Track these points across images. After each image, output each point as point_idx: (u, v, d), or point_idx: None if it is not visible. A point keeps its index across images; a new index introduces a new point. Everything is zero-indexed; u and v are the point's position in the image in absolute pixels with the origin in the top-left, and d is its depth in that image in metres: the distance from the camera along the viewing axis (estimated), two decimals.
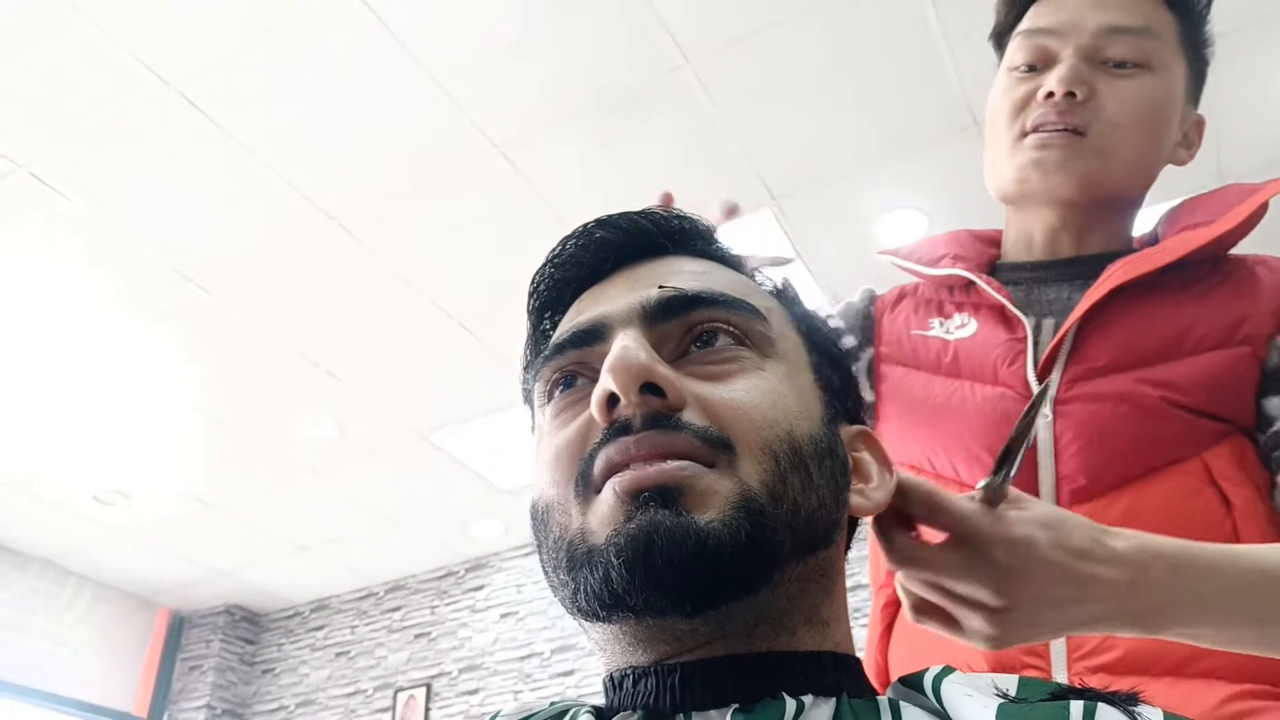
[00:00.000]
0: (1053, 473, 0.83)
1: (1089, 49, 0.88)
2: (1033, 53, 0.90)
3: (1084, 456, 0.81)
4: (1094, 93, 0.87)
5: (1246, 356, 0.81)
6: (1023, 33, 0.92)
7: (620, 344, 0.49)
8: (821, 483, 0.50)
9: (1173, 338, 0.83)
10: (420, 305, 3.26)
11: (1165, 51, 0.88)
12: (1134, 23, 0.88)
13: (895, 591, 0.90)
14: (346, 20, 2.36)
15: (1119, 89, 0.87)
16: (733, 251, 0.61)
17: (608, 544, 0.46)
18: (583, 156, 2.77)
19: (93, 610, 4.99)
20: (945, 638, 0.64)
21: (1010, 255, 0.97)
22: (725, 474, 0.47)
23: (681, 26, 2.42)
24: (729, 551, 0.45)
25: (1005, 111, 0.91)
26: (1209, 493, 0.78)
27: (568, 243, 0.59)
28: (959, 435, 0.86)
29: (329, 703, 5.01)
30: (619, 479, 0.47)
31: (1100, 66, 0.88)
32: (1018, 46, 0.92)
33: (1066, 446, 0.82)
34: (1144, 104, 0.87)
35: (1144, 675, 0.74)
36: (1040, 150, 0.88)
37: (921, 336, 0.94)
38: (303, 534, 4.65)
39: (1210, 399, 0.79)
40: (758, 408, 0.49)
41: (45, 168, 2.69)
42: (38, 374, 3.47)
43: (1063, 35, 0.89)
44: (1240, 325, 0.82)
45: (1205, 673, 0.74)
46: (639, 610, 0.46)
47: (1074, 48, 0.88)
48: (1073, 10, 0.89)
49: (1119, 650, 0.75)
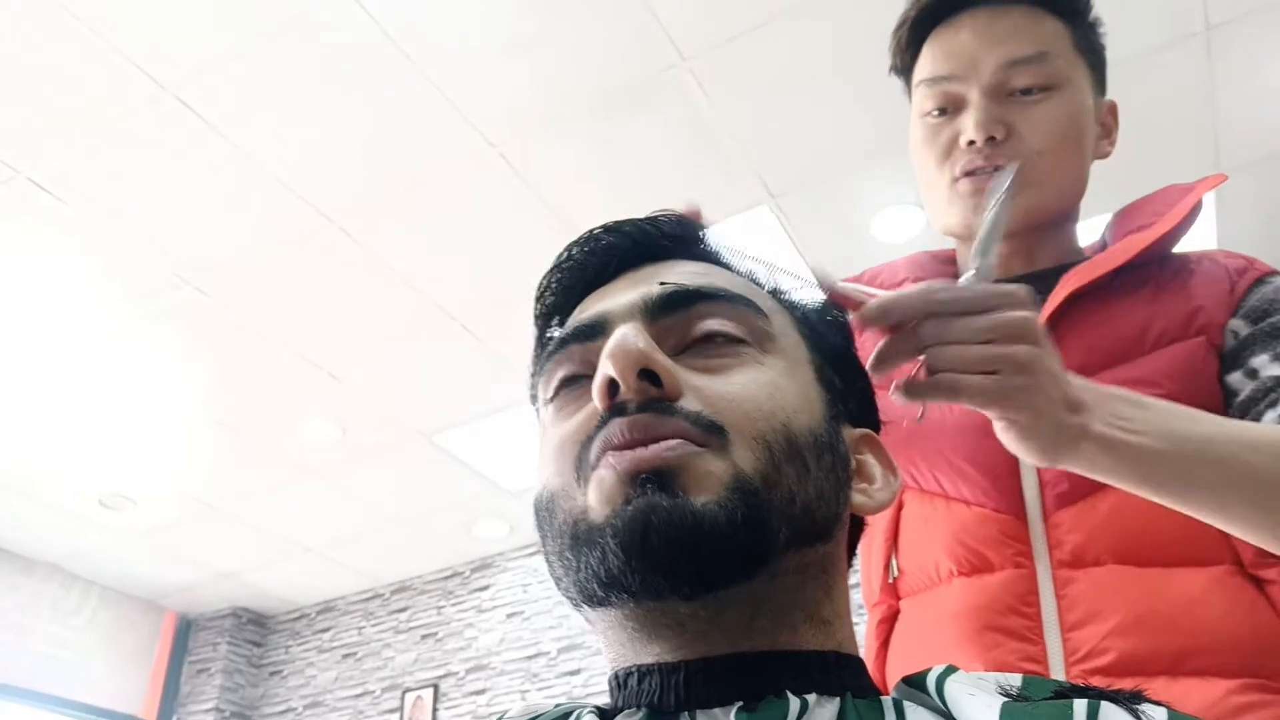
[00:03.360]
0: (1036, 480, 0.84)
1: (993, 86, 0.89)
2: (940, 98, 0.92)
3: None
4: (1010, 129, 0.88)
5: (1203, 345, 0.84)
6: (925, 81, 0.93)
7: (619, 332, 0.50)
8: (820, 475, 0.50)
9: (1133, 336, 0.85)
10: (420, 306, 3.26)
11: (1064, 64, 0.90)
12: (1029, 51, 0.89)
13: (887, 609, 0.91)
14: (342, 22, 2.36)
15: (1032, 117, 0.89)
16: (735, 253, 0.61)
17: (606, 524, 0.47)
18: (580, 155, 2.77)
19: (99, 614, 5.00)
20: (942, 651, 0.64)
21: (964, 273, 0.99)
22: (718, 455, 0.47)
23: (678, 24, 2.41)
24: (725, 533, 0.45)
25: (932, 160, 0.93)
26: None
27: (573, 249, 0.60)
28: (939, 449, 0.88)
29: (337, 704, 5.02)
30: (616, 456, 0.48)
31: (1009, 99, 0.89)
32: (924, 95, 0.93)
33: None
34: (1060, 124, 0.89)
35: (1139, 675, 0.75)
36: (976, 194, 0.89)
37: None
38: (307, 536, 4.65)
39: (1179, 388, 0.80)
40: (753, 399, 0.50)
41: (44, 173, 2.70)
42: (40, 379, 3.48)
43: (964, 79, 0.90)
44: (1195, 316, 0.85)
45: (1200, 671, 0.75)
46: (636, 592, 0.46)
47: (979, 89, 0.89)
48: (969, 51, 0.90)
49: (1114, 653, 0.76)
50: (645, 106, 2.63)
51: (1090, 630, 0.78)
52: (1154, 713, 0.42)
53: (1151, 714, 0.42)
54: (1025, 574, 0.82)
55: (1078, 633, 0.79)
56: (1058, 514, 0.83)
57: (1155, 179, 0.98)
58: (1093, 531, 0.80)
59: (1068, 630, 0.79)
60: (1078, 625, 0.79)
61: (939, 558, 0.87)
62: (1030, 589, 0.81)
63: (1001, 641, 0.80)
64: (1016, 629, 0.81)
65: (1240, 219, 3.08)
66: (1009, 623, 0.81)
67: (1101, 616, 0.77)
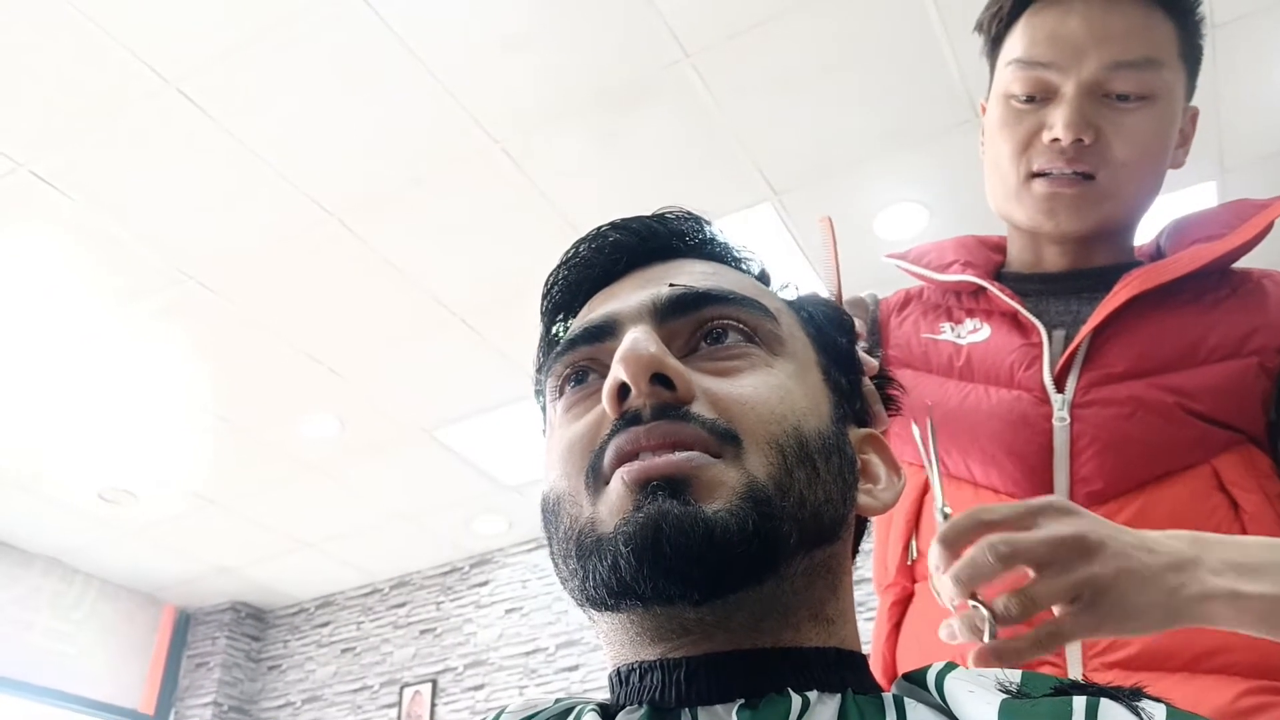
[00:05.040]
0: (1068, 476, 0.83)
1: (1092, 85, 0.85)
2: (1031, 84, 0.87)
3: (1100, 460, 0.81)
4: (1099, 134, 0.85)
5: (1254, 367, 0.83)
6: (1019, 62, 0.88)
7: (631, 336, 0.50)
8: (828, 478, 0.50)
9: (1186, 347, 0.84)
10: (421, 301, 3.26)
11: (1167, 74, 0.86)
12: (1137, 55, 0.85)
13: (901, 590, 0.90)
14: (345, 17, 2.35)
15: (1124, 126, 0.85)
16: (743, 252, 0.61)
17: (616, 532, 0.46)
18: (583, 152, 2.76)
19: (98, 608, 5.00)
20: None
21: (1015, 266, 0.98)
22: (732, 465, 0.47)
23: (681, 21, 2.41)
24: (736, 541, 0.45)
25: (1009, 148, 0.89)
26: (1218, 497, 0.79)
27: (580, 245, 0.60)
28: (975, 437, 0.87)
29: (335, 699, 5.02)
30: (627, 468, 0.47)
31: (1103, 101, 0.85)
32: (1014, 76, 0.89)
33: (1084, 450, 0.83)
34: (1149, 137, 0.86)
35: (1159, 671, 0.75)
36: (1051, 198, 0.87)
37: (932, 340, 0.95)
38: (307, 531, 4.66)
39: (1222, 407, 0.80)
40: (765, 403, 0.50)
41: (46, 166, 2.69)
42: (40, 373, 3.48)
43: (1063, 69, 0.86)
44: (1251, 337, 0.84)
45: (1220, 669, 0.75)
46: (647, 599, 0.46)
47: (1076, 84, 0.85)
48: (1075, 41, 0.85)
49: (1134, 647, 0.76)
50: (648, 103, 2.63)
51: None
52: (1153, 709, 0.42)
53: (1151, 711, 0.42)
54: None
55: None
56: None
57: None
58: None
59: None
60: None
61: None
62: None
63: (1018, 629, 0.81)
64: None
65: None
66: None
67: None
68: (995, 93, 0.92)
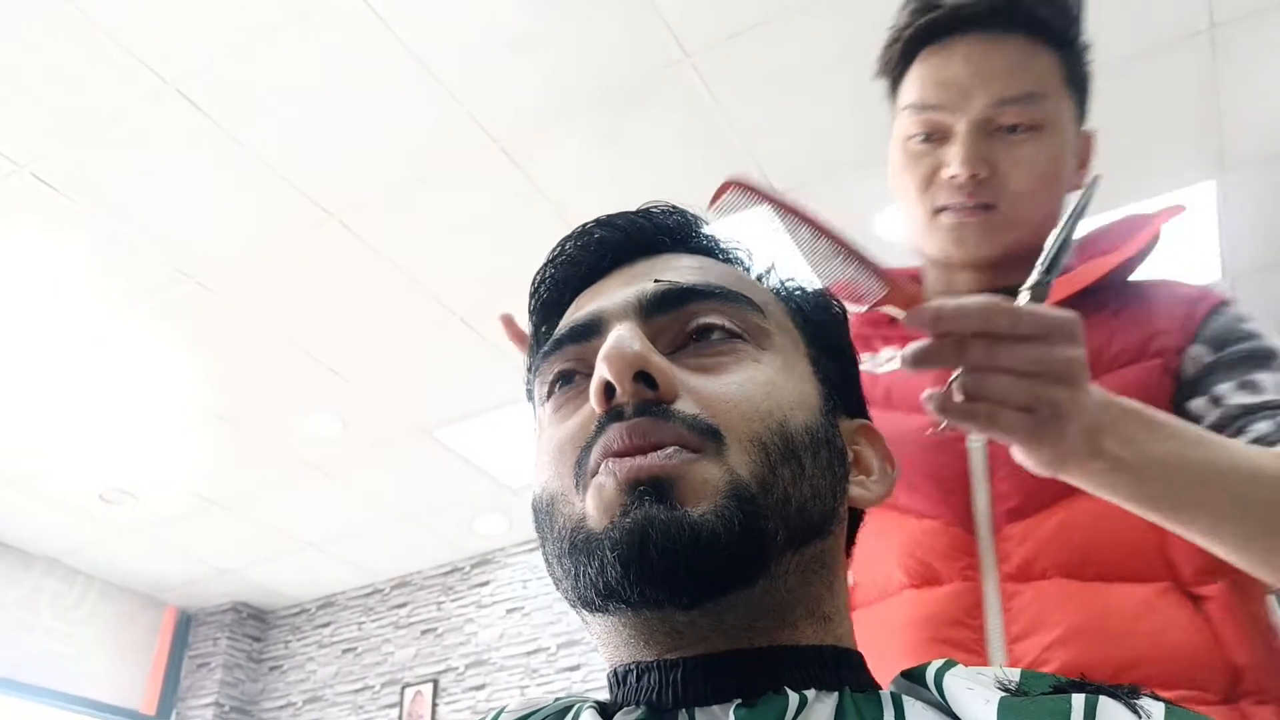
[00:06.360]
0: (987, 494, 0.86)
1: (981, 122, 0.90)
2: (926, 126, 0.93)
3: (1017, 478, 0.82)
4: (994, 167, 0.89)
5: (1158, 369, 0.87)
6: (913, 107, 0.94)
7: (615, 334, 0.50)
8: (815, 473, 0.50)
9: (1093, 354, 0.88)
10: (422, 301, 3.26)
11: (1052, 104, 0.91)
12: (1020, 90, 0.89)
13: None
14: (345, 17, 2.35)
15: (1017, 157, 0.90)
16: (730, 245, 0.61)
17: (604, 535, 0.46)
18: (583, 151, 2.76)
19: (100, 609, 5.00)
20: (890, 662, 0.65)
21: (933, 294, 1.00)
22: (714, 461, 0.47)
23: (681, 20, 2.41)
24: (723, 543, 0.45)
25: (913, 186, 0.95)
26: None
27: (566, 243, 0.60)
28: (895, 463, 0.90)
29: (336, 699, 5.02)
30: (616, 463, 0.47)
31: (994, 135, 0.90)
32: (910, 120, 0.94)
33: (999, 468, 0.85)
34: (1042, 165, 0.90)
35: None
36: (959, 227, 0.92)
37: None
38: (308, 531, 4.66)
39: None
40: (749, 399, 0.50)
41: (46, 168, 2.70)
42: (41, 373, 3.48)
43: (953, 110, 0.90)
44: (1152, 340, 0.88)
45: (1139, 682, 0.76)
46: (634, 603, 0.46)
47: (966, 123, 0.90)
48: (960, 83, 0.90)
49: (1055, 664, 0.78)
50: (648, 103, 2.63)
51: (1033, 641, 0.79)
52: (1151, 707, 0.42)
53: (1149, 709, 0.42)
54: (972, 586, 0.84)
55: (1020, 644, 0.80)
56: (1007, 528, 0.84)
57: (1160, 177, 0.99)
58: (1040, 546, 0.82)
59: (1011, 642, 0.81)
60: (1021, 637, 0.80)
61: (891, 570, 0.88)
62: (976, 601, 0.83)
63: (947, 653, 0.81)
64: (962, 640, 0.82)
65: (1244, 217, 3.07)
66: (955, 634, 0.82)
67: (1044, 628, 0.79)
68: (895, 136, 0.98)
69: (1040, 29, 0.90)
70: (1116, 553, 0.81)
